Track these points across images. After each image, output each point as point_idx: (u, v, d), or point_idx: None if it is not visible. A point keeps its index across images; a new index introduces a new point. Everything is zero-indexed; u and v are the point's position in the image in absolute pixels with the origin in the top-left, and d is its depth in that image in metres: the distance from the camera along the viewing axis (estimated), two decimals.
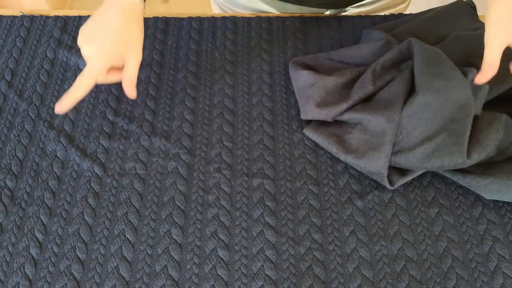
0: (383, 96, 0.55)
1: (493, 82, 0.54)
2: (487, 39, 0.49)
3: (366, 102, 0.56)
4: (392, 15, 0.71)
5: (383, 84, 0.57)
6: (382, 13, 0.73)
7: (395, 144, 0.52)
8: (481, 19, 0.65)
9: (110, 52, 0.51)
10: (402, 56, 0.58)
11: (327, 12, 0.74)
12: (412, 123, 0.52)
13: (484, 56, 0.49)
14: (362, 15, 0.71)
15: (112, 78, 0.54)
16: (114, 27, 0.52)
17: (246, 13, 0.75)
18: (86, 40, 0.51)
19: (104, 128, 0.60)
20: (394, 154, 0.52)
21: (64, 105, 0.51)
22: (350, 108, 0.55)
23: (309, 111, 0.57)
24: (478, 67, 0.50)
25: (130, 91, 0.54)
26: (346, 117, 0.55)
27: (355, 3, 0.72)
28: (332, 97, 0.57)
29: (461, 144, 0.50)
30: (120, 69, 0.53)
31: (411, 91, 0.54)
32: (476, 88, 0.52)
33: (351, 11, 0.76)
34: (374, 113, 0.53)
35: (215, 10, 0.84)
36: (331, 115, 0.55)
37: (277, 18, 0.70)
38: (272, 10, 0.74)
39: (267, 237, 0.51)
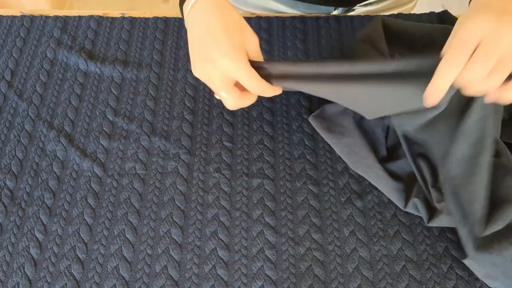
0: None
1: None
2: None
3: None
4: (392, 15, 0.71)
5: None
6: (389, 13, 0.73)
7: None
8: None
9: (240, 44, 0.44)
10: None
11: (335, 12, 0.74)
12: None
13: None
14: (362, 15, 0.71)
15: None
16: (219, 23, 0.44)
17: (253, 11, 0.74)
18: (208, 59, 0.44)
19: (104, 128, 0.60)
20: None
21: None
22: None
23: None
24: None
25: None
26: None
27: (362, 2, 0.72)
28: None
29: None
30: None
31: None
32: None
33: (358, 10, 0.76)
34: None
35: None
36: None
37: (277, 18, 0.70)
38: (281, 8, 0.74)
39: (267, 237, 0.51)
